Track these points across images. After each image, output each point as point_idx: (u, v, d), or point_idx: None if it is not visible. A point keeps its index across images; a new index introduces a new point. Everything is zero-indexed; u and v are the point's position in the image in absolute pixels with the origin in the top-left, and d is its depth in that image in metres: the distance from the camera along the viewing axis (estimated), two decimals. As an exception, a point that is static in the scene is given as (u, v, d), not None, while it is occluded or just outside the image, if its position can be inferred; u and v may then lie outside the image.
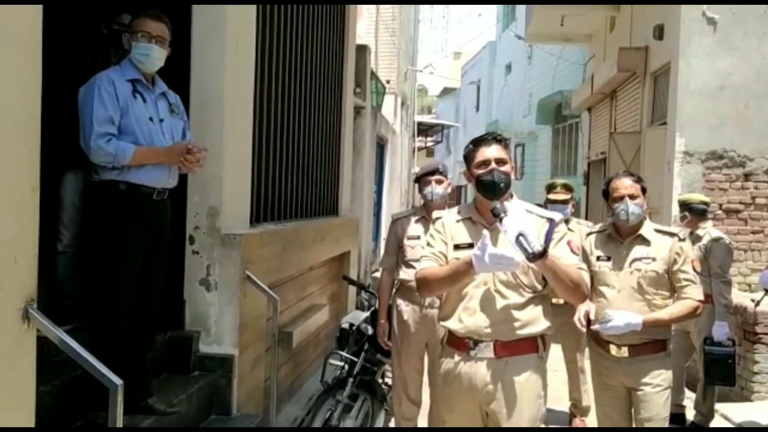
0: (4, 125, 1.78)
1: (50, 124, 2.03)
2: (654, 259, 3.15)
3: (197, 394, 3.35)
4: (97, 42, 3.47)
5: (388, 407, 4.32)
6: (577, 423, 4.97)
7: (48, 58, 1.95)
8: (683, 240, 3.20)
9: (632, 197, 3.15)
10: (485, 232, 2.34)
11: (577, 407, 5.00)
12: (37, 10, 1.92)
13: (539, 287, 2.50)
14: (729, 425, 5.13)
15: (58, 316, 2.71)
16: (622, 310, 3.12)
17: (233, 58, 3.69)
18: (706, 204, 5.08)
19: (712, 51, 6.98)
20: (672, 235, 3.21)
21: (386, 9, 12.61)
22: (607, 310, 3.13)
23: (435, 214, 2.74)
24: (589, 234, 3.45)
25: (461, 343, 2.56)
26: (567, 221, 4.61)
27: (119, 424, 2.06)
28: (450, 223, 2.63)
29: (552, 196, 4.89)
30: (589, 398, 4.95)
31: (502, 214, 2.34)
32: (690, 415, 5.11)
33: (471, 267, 2.33)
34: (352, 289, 6.79)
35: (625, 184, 3.21)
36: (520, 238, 2.25)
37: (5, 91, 1.79)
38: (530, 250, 2.25)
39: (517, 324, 2.48)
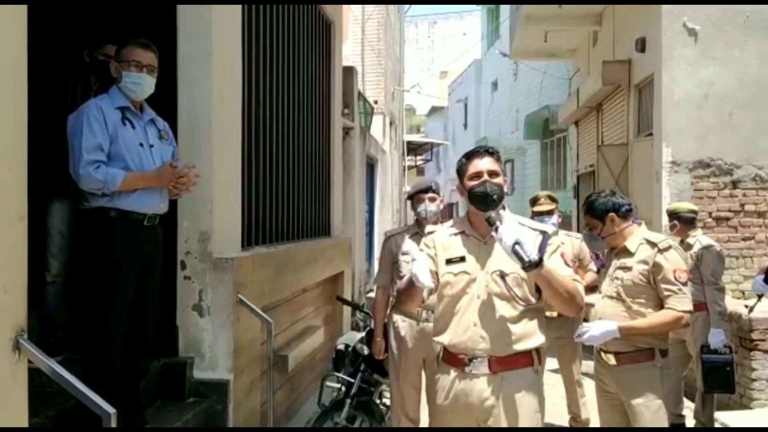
0: (-10, 154, 1.78)
1: (34, 153, 2.02)
2: (630, 269, 3.17)
3: (193, 420, 3.31)
4: (77, 70, 3.47)
5: (386, 427, 4.28)
6: None
7: (29, 86, 1.95)
8: (664, 251, 3.14)
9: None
10: (412, 249, 2.53)
11: (577, 420, 4.96)
12: (22, 40, 1.92)
13: (533, 300, 2.49)
14: (729, 433, 5.12)
15: (49, 347, 2.69)
16: (606, 316, 3.17)
17: (220, 82, 3.70)
18: (695, 212, 5.11)
19: (694, 61, 7.07)
20: (653, 245, 3.18)
21: (372, 31, 12.72)
22: (583, 323, 3.19)
23: (428, 228, 2.74)
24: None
25: (456, 360, 2.54)
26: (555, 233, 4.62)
27: (113, 453, 2.03)
28: (442, 238, 2.63)
29: (536, 208, 4.90)
30: (587, 411, 4.92)
31: (498, 223, 2.34)
32: (690, 424, 5.09)
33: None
34: (347, 310, 6.76)
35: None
36: (516, 246, 2.26)
37: (-9, 120, 1.78)
38: (527, 259, 2.25)
39: (511, 338, 2.46)
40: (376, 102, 11.89)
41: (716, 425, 5.05)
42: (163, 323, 3.42)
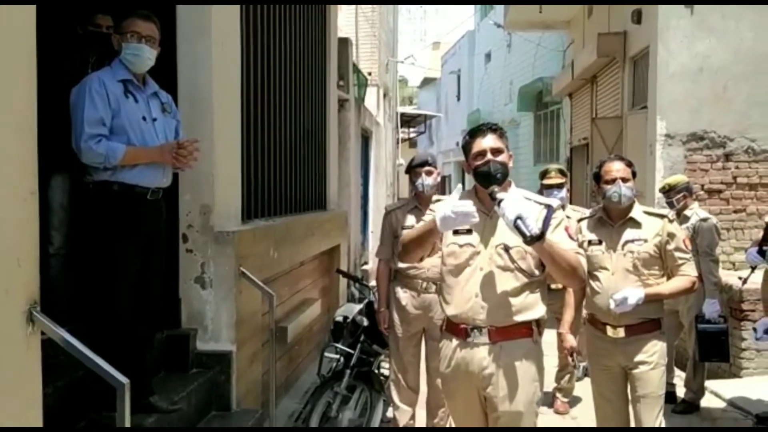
0: (4, 130, 1.79)
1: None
2: (646, 241, 3.23)
3: (197, 391, 3.37)
4: (72, 44, 3.45)
5: (385, 397, 4.37)
6: (558, 405, 5.05)
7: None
8: (673, 221, 3.28)
9: (624, 180, 3.23)
10: (459, 186, 2.49)
11: (561, 388, 5.08)
12: (31, 15, 1.92)
13: (537, 272, 2.55)
14: (720, 402, 5.24)
15: (54, 320, 2.72)
16: (621, 289, 3.18)
17: (220, 56, 3.69)
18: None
19: (689, 34, 7.07)
20: (662, 216, 3.30)
21: (365, 1, 12.56)
22: (617, 295, 3.15)
23: (435, 197, 2.79)
24: (580, 220, 3.51)
25: (458, 329, 2.60)
26: (563, 207, 4.67)
27: (127, 422, 2.08)
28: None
29: (546, 181, 4.97)
30: (573, 379, 5.05)
31: (500, 197, 2.38)
32: (681, 392, 5.21)
33: (435, 226, 2.44)
34: (343, 283, 6.82)
35: (617, 167, 3.29)
36: (518, 221, 2.29)
37: (5, 95, 1.79)
38: (528, 233, 2.29)
39: (513, 309, 2.53)
40: (370, 74, 11.82)
41: (707, 393, 5.18)
42: (165, 296, 3.45)
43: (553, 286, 2.69)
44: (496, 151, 2.55)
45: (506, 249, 2.52)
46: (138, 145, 2.89)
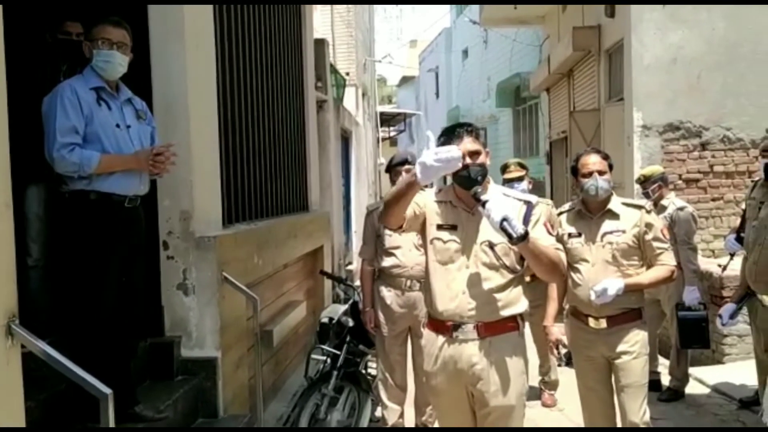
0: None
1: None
2: (624, 232, 3.26)
3: (183, 398, 3.34)
4: (43, 52, 3.41)
5: (374, 397, 4.36)
6: (546, 398, 5.08)
7: None
8: (650, 212, 3.32)
9: (600, 173, 3.26)
10: (429, 134, 2.36)
11: (547, 382, 5.11)
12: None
13: (519, 268, 2.57)
14: (704, 388, 5.30)
15: (35, 332, 2.69)
16: (600, 281, 3.20)
17: (194, 60, 3.66)
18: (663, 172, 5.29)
19: (662, 25, 7.15)
20: (639, 207, 3.33)
21: (341, 1, 12.54)
22: (597, 287, 3.17)
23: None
24: (559, 213, 3.53)
25: (443, 327, 2.60)
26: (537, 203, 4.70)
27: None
28: (429, 202, 2.66)
29: (507, 176, 5.03)
30: (556, 372, 5.08)
31: (484, 199, 2.38)
32: (665, 380, 5.26)
33: (415, 179, 2.31)
34: (328, 284, 6.80)
35: (593, 161, 3.31)
36: (504, 222, 2.31)
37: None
38: (514, 235, 2.30)
39: (499, 305, 2.54)
40: (347, 74, 11.79)
41: (691, 380, 5.24)
42: (148, 303, 3.42)
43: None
44: (474, 154, 2.53)
45: (491, 246, 2.53)
46: (112, 152, 2.86)
